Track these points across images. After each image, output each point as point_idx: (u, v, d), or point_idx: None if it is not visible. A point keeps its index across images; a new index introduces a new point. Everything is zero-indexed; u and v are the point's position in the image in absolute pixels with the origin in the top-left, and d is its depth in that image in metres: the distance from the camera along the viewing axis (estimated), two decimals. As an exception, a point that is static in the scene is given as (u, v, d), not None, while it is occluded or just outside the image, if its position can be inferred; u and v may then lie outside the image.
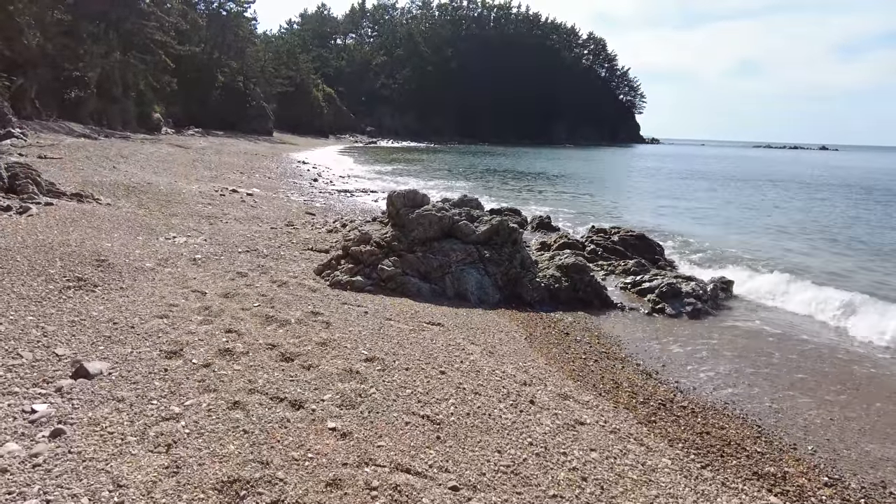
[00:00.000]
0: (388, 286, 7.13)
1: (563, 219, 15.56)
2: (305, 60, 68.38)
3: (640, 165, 49.54)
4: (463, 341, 5.41)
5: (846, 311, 7.45)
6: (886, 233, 15.62)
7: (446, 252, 7.62)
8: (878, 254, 12.47)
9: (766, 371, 5.64)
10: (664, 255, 11.23)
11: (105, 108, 28.69)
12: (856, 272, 10.57)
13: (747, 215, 18.80)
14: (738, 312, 7.82)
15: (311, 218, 11.93)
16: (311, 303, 5.94)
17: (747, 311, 7.91)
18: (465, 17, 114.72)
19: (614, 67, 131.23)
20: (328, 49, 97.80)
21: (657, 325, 7.10)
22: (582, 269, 7.98)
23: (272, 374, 4.04)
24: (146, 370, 3.88)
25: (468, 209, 8.60)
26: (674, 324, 7.15)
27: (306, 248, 8.84)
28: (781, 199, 24.02)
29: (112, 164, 15.24)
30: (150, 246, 7.53)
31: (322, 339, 4.82)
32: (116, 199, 10.63)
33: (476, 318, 6.48)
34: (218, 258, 7.47)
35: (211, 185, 14.67)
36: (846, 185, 33.83)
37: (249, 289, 6.16)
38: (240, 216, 10.89)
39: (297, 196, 15.66)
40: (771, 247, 12.87)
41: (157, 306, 5.19)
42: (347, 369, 4.26)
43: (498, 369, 4.77)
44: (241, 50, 50.51)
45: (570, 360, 5.48)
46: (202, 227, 9.34)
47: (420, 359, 4.71)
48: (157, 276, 6.19)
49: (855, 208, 21.46)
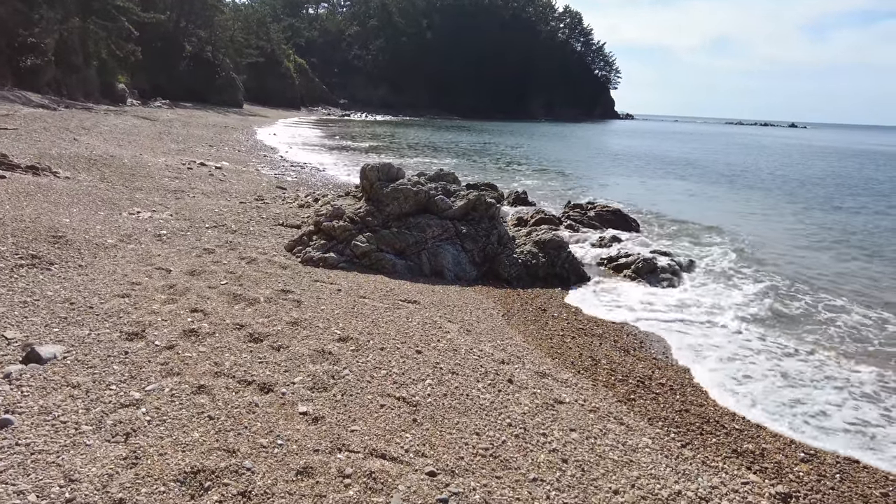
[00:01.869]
0: (362, 263, 6.95)
1: (540, 195, 15.46)
2: (276, 30, 66.39)
3: (617, 142, 49.67)
4: (440, 319, 5.29)
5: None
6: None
7: (422, 227, 7.44)
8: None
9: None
10: (639, 230, 11.26)
11: (65, 77, 27.34)
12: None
13: (722, 193, 18.98)
14: (711, 285, 7.84)
15: (282, 192, 11.59)
16: (282, 280, 5.73)
17: (720, 282, 7.94)
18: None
19: (590, 42, 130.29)
20: (300, 19, 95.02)
21: (633, 298, 7.06)
22: (559, 244, 7.89)
23: (240, 356, 3.86)
24: (105, 353, 3.66)
25: (444, 184, 8.41)
26: (650, 297, 7.12)
27: (277, 224, 8.56)
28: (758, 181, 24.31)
29: (72, 136, 14.56)
30: (112, 221, 7.18)
31: (293, 319, 4.64)
32: (76, 172, 10.14)
33: (453, 295, 6.35)
34: (184, 234, 7.17)
35: (178, 159, 14.15)
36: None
37: (217, 266, 5.92)
38: (208, 190, 10.51)
39: (267, 170, 15.22)
40: (739, 218, 13.01)
41: (118, 285, 4.93)
42: (319, 350, 4.10)
43: (475, 348, 4.66)
44: (210, 19, 48.61)
45: (547, 338, 5.40)
46: (168, 202, 8.98)
47: (395, 338, 4.57)
48: (118, 253, 5.89)
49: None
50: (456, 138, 40.75)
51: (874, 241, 11.40)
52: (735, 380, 4.86)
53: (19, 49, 24.30)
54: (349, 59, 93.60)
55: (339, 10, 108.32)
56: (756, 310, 6.83)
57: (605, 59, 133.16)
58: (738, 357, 5.38)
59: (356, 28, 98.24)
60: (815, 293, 7.61)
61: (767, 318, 6.56)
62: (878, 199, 17.73)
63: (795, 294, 7.56)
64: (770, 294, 7.48)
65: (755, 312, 6.75)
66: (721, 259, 9.28)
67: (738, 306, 6.93)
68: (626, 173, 23.05)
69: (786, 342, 5.82)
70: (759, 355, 5.44)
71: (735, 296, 7.39)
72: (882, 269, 9.25)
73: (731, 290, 7.67)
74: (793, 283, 8.03)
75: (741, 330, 6.13)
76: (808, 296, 7.48)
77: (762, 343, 5.77)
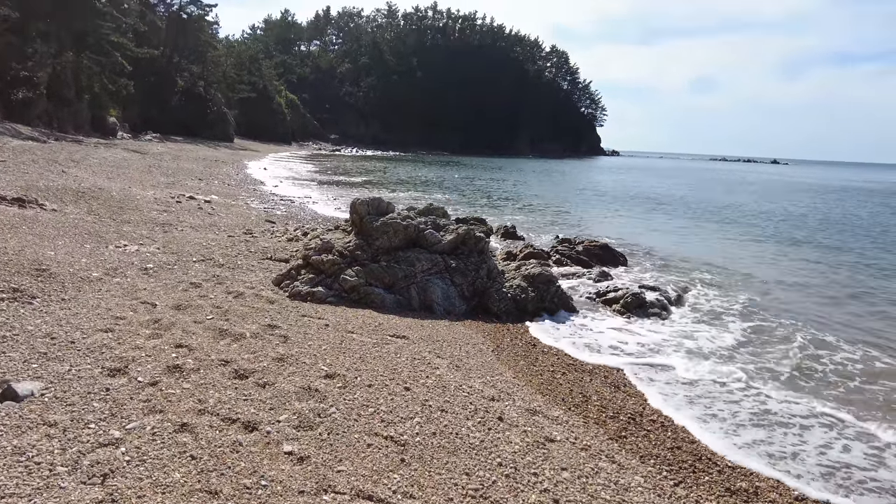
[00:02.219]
0: (350, 297, 6.90)
1: (528, 229, 15.58)
2: (268, 66, 67.36)
3: (603, 178, 50.41)
4: (429, 355, 5.23)
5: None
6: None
7: (412, 261, 7.43)
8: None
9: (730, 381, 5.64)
10: (627, 265, 11.33)
11: (56, 110, 27.43)
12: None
13: (709, 227, 19.23)
14: (700, 319, 7.85)
15: (271, 226, 11.57)
16: (269, 315, 5.66)
17: (708, 318, 7.96)
18: (431, 28, 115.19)
19: (576, 80, 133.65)
20: (292, 56, 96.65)
21: (623, 335, 7.05)
22: (548, 279, 7.90)
23: (224, 393, 3.78)
24: (85, 390, 3.57)
25: (434, 218, 8.45)
26: (639, 332, 7.11)
27: (265, 258, 8.51)
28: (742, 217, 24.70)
29: (61, 169, 14.51)
30: (98, 254, 7.10)
31: (279, 355, 4.56)
32: (64, 204, 10.07)
33: (442, 329, 6.30)
34: (171, 268, 7.10)
35: (167, 192, 14.12)
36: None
37: (203, 300, 5.84)
38: (196, 224, 10.46)
39: (256, 203, 15.23)
40: (727, 254, 13.14)
41: (101, 319, 4.84)
42: (306, 387, 4.02)
43: (465, 384, 4.61)
44: (202, 54, 49.33)
45: (538, 373, 5.36)
46: (156, 235, 8.91)
47: (384, 374, 4.51)
48: (103, 287, 5.81)
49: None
50: (445, 173, 41.18)
51: (859, 278, 11.53)
52: (722, 418, 4.82)
53: (11, 82, 24.42)
54: (340, 96, 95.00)
55: (331, 48, 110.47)
56: (744, 348, 6.83)
57: (591, 98, 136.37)
58: (726, 395, 5.35)
59: (348, 66, 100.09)
60: (802, 330, 7.64)
61: (755, 358, 6.55)
62: (861, 236, 18.03)
63: (783, 332, 7.58)
64: (758, 331, 7.50)
65: (743, 350, 6.75)
66: (709, 294, 9.34)
67: (727, 346, 6.92)
68: (613, 208, 23.33)
69: (774, 381, 5.81)
70: (748, 392, 5.42)
71: (723, 332, 7.40)
72: (866, 308, 9.33)
73: (719, 326, 7.69)
74: (780, 320, 8.06)
75: (730, 368, 6.11)
76: (796, 333, 7.50)
77: (751, 381, 5.75)
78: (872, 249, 15.28)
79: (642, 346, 6.61)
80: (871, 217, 24.39)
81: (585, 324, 7.38)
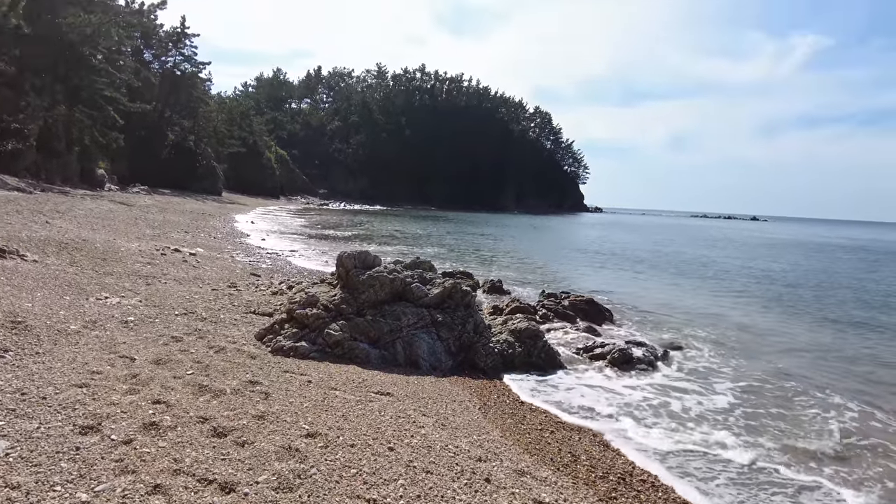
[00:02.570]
0: (334, 352, 6.78)
1: (514, 283, 15.61)
2: (259, 123, 68.79)
3: (587, 234, 51.10)
4: (414, 413, 5.11)
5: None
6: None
7: (397, 315, 7.37)
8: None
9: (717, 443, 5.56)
10: (613, 320, 11.33)
11: (45, 161, 27.55)
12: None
13: (693, 281, 19.42)
14: (689, 377, 7.80)
15: (256, 279, 11.48)
16: (250, 371, 5.53)
17: (696, 375, 7.91)
18: (419, 88, 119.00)
19: (559, 140, 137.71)
20: (283, 112, 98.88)
21: (611, 391, 6.97)
22: (535, 333, 7.86)
23: (201, 452, 3.63)
24: (53, 449, 3.41)
25: (421, 271, 8.44)
26: (627, 389, 7.04)
27: (248, 311, 8.40)
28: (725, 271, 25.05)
29: (45, 219, 14.42)
30: (78, 307, 6.96)
31: (259, 412, 4.43)
32: (45, 255, 9.94)
33: (428, 386, 6.19)
34: (152, 321, 6.97)
35: (152, 244, 14.04)
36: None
37: (184, 355, 5.71)
38: (180, 277, 10.35)
39: (242, 257, 15.16)
40: (713, 310, 13.22)
41: (77, 374, 4.69)
42: (286, 446, 3.89)
43: (451, 444, 4.48)
44: (194, 110, 50.30)
45: (525, 432, 5.24)
46: (138, 288, 8.79)
47: (367, 433, 4.38)
48: (81, 340, 5.66)
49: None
50: (432, 228, 41.53)
51: (846, 339, 11.58)
52: (711, 479, 4.72)
53: (2, 133, 24.56)
54: (330, 152, 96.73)
55: (321, 106, 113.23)
56: (735, 409, 6.77)
57: (574, 156, 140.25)
58: (715, 456, 5.26)
59: (338, 123, 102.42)
60: (792, 390, 7.61)
61: (746, 420, 6.48)
62: (844, 293, 18.29)
63: (773, 392, 7.55)
64: (748, 391, 7.45)
65: (733, 411, 6.69)
66: (697, 351, 9.32)
67: (717, 408, 6.87)
68: (598, 264, 23.55)
69: (764, 442, 5.73)
70: (738, 456, 5.33)
71: (711, 393, 7.34)
72: (851, 366, 9.35)
73: (707, 385, 7.63)
74: (769, 378, 8.03)
75: (719, 431, 6.03)
76: (787, 392, 7.47)
77: (737, 440, 5.66)
78: (858, 306, 15.49)
79: (630, 405, 6.53)
80: (850, 273, 24.84)
81: (573, 380, 7.29)
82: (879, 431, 6.14)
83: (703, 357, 8.96)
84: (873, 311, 14.82)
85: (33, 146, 26.30)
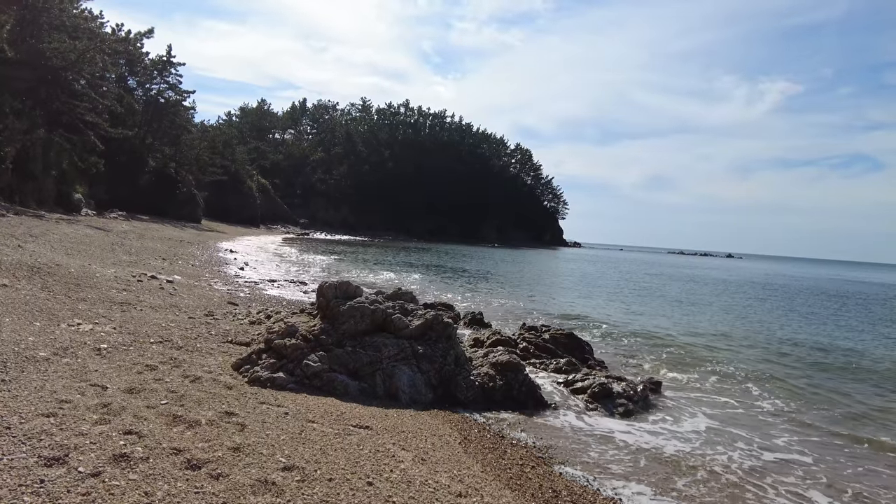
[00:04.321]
0: (312, 384, 6.66)
1: (495, 315, 15.60)
2: (242, 152, 68.72)
3: (568, 267, 51.50)
4: (393, 447, 5.02)
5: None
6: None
7: (378, 347, 7.30)
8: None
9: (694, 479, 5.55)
10: (593, 354, 11.34)
11: (20, 184, 27.06)
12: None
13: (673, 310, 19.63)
14: (667, 413, 7.82)
15: (234, 308, 11.30)
16: (226, 401, 5.40)
17: (675, 411, 7.93)
18: (403, 123, 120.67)
19: (539, 176, 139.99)
20: (266, 142, 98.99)
21: (591, 426, 6.95)
22: (516, 367, 7.83)
23: (174, 485, 3.51)
24: (16, 482, 3.26)
25: (402, 303, 8.40)
26: (607, 425, 7.02)
27: (225, 341, 8.24)
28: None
29: (17, 243, 14.08)
30: (48, 333, 6.76)
31: (235, 444, 4.31)
32: (16, 280, 9.68)
33: (408, 419, 6.09)
34: (126, 349, 6.79)
35: (129, 270, 13.77)
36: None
37: (158, 384, 5.56)
38: (156, 304, 10.15)
39: (220, 285, 14.94)
40: (700, 345, 13.34)
41: (44, 402, 4.53)
42: (262, 479, 3.78)
43: (431, 479, 4.40)
44: (177, 137, 50.13)
45: (506, 467, 5.17)
46: (113, 315, 8.58)
47: (345, 467, 4.28)
48: (50, 368, 5.48)
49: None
50: (413, 259, 41.50)
51: (831, 377, 11.76)
52: (698, 514, 4.70)
53: (-24, 156, 24.13)
54: (312, 182, 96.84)
55: (305, 137, 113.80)
56: (713, 444, 6.79)
57: (554, 192, 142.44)
58: (697, 489, 5.24)
59: (321, 154, 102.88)
60: (779, 426, 7.67)
61: (727, 454, 6.51)
62: (835, 329, 18.64)
63: (752, 426, 7.60)
64: (725, 422, 7.49)
65: (713, 445, 6.70)
66: (678, 384, 9.37)
67: (697, 440, 6.88)
68: (579, 297, 23.68)
69: (754, 480, 5.74)
70: (720, 490, 5.32)
71: (690, 426, 7.37)
72: (835, 403, 9.48)
73: (689, 418, 7.67)
74: (749, 413, 8.10)
75: (700, 464, 6.04)
76: (768, 427, 7.52)
77: (725, 480, 5.67)
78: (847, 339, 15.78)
79: (610, 439, 6.50)
80: (827, 310, 25.38)
81: (554, 415, 7.25)
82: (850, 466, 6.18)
83: (684, 390, 9.01)
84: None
85: (9, 169, 25.86)
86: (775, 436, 7.17)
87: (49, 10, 28.04)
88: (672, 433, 6.95)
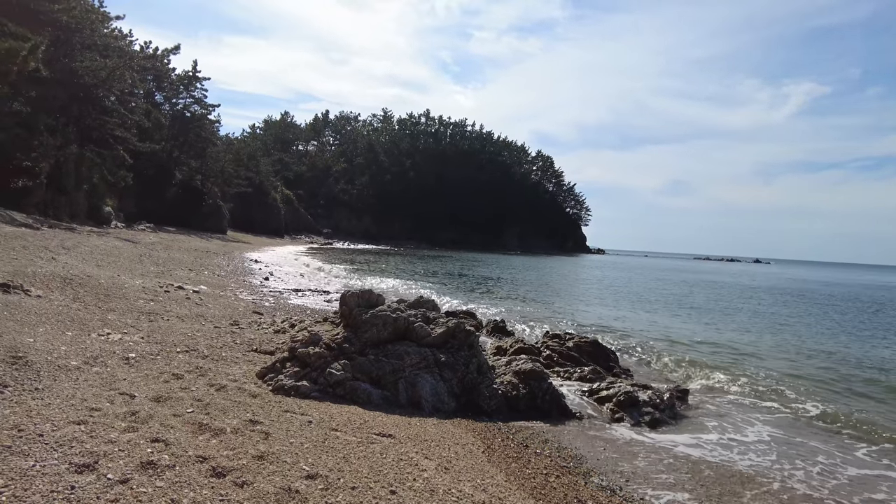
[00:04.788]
0: (336, 392, 6.68)
1: (518, 323, 15.50)
2: (266, 164, 69.89)
3: (592, 275, 50.97)
4: (416, 455, 5.00)
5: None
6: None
7: (400, 355, 7.30)
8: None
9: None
10: (618, 362, 11.18)
11: (53, 198, 27.93)
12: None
13: (696, 321, 19.26)
14: (694, 422, 7.65)
15: (259, 317, 11.44)
16: (251, 410, 5.45)
17: (703, 420, 7.76)
18: (424, 132, 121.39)
19: (561, 183, 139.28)
20: (290, 154, 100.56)
21: (617, 435, 6.83)
22: (540, 375, 7.76)
23: (199, 493, 3.54)
24: (47, 488, 3.33)
25: (424, 311, 8.41)
26: (634, 434, 6.90)
27: (250, 350, 8.33)
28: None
29: (51, 255, 14.49)
30: (80, 342, 6.92)
31: (259, 452, 4.34)
32: (49, 291, 9.95)
33: (430, 428, 6.07)
34: (154, 358, 6.91)
35: (156, 281, 14.05)
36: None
37: (184, 392, 5.64)
38: (183, 314, 10.32)
39: (245, 295, 15.14)
40: (726, 354, 13.05)
41: (75, 410, 4.63)
42: (286, 487, 3.79)
43: (454, 488, 4.37)
44: (202, 150, 51.23)
45: (530, 477, 5.11)
46: (141, 325, 8.76)
47: (368, 476, 4.27)
48: (81, 376, 5.61)
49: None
50: (435, 267, 41.56)
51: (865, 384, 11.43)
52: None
53: (13, 171, 24.97)
54: (335, 193, 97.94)
55: (328, 148, 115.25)
56: (740, 456, 6.63)
57: (576, 199, 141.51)
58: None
59: (343, 164, 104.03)
60: (811, 438, 7.46)
61: (748, 465, 6.34)
62: (865, 337, 18.11)
63: (774, 445, 7.40)
64: (746, 443, 7.31)
65: (717, 459, 6.53)
66: (705, 395, 9.18)
67: (717, 452, 6.72)
68: (603, 305, 23.41)
69: (756, 484, 5.58)
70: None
71: (714, 437, 7.20)
72: (867, 405, 9.19)
73: (715, 430, 7.49)
74: (779, 425, 7.89)
75: (723, 478, 5.89)
76: (790, 446, 7.32)
77: (761, 489, 5.52)
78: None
79: (637, 448, 6.38)
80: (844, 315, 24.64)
81: (577, 424, 7.15)
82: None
83: (711, 401, 8.81)
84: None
85: (43, 184, 26.70)
86: (801, 444, 6.95)
87: (81, 31, 28.95)
88: (697, 441, 6.79)
